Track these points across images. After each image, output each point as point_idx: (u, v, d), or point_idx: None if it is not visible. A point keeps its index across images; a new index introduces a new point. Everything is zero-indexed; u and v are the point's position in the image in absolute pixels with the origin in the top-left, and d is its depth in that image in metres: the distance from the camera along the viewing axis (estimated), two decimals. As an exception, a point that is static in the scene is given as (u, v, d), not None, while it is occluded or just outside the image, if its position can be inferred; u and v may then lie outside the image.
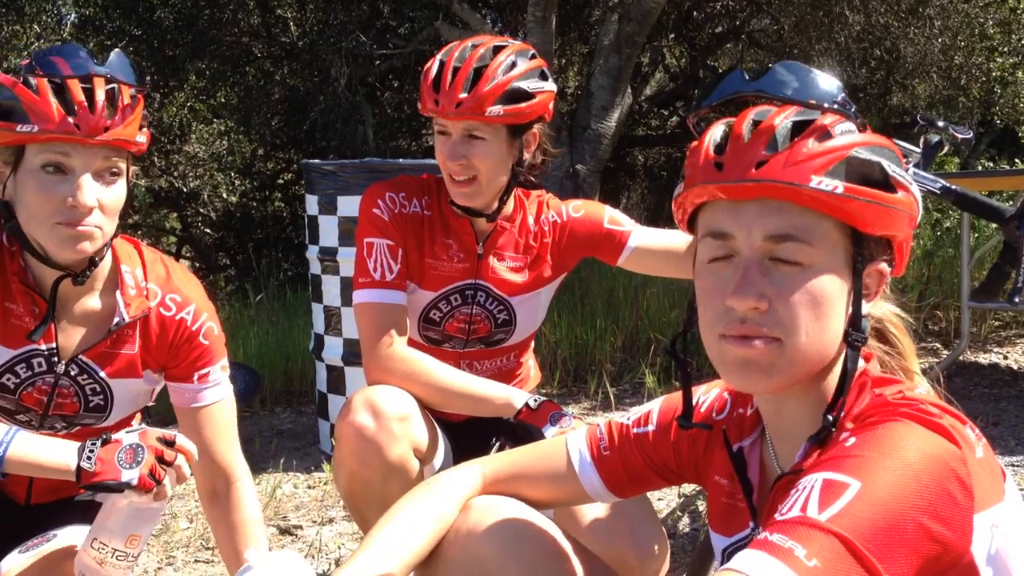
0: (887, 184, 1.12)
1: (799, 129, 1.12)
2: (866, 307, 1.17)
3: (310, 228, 3.96)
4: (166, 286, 1.81)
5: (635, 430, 1.47)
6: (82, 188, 1.59)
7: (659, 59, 10.92)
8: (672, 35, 10.13)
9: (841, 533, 0.96)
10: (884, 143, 1.15)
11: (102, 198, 1.62)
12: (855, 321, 1.15)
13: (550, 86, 2.09)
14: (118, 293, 1.76)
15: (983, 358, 5.14)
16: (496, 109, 1.99)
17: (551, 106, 2.13)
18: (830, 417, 1.14)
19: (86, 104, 1.58)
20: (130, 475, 1.56)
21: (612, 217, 2.25)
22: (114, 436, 1.62)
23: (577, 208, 2.27)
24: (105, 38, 9.58)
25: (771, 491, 1.23)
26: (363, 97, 8.99)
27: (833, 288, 1.13)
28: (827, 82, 1.23)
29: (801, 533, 0.97)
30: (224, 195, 11.91)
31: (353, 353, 3.83)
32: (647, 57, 10.25)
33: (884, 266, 1.18)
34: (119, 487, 1.56)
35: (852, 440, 1.06)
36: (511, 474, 1.48)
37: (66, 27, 11.38)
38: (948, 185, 2.02)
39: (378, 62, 9.27)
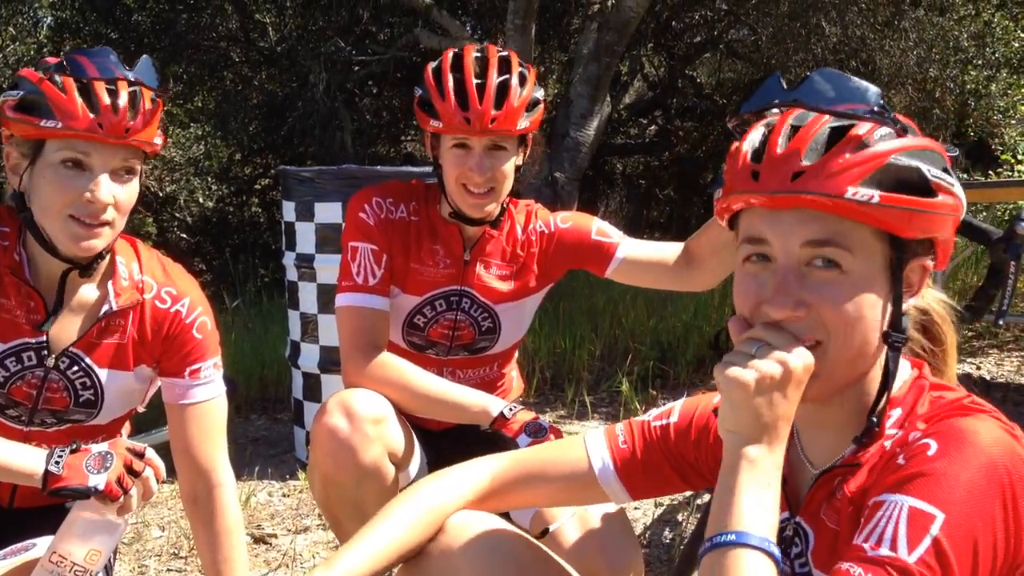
0: (926, 188, 1.11)
1: (836, 137, 1.12)
2: (910, 302, 1.18)
3: (287, 235, 3.94)
4: (161, 280, 1.84)
5: (655, 423, 1.48)
6: (100, 185, 1.64)
7: (638, 68, 10.96)
8: (651, 44, 10.18)
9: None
10: (927, 145, 1.14)
11: (117, 195, 1.67)
12: (895, 322, 1.16)
13: (542, 93, 2.14)
14: (110, 283, 1.78)
15: (956, 368, 5.17)
16: (524, 121, 2.04)
17: None
18: (874, 419, 1.15)
19: (110, 105, 1.63)
20: (97, 480, 1.55)
21: (600, 229, 2.25)
22: (84, 445, 1.61)
23: (565, 219, 2.27)
24: (81, 41, 9.50)
25: (813, 486, 1.23)
26: (341, 103, 8.96)
27: (872, 292, 1.13)
28: (864, 89, 1.23)
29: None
30: (200, 200, 11.83)
31: (329, 360, 3.81)
32: (626, 66, 10.28)
33: (928, 261, 1.18)
34: (86, 492, 1.55)
35: (934, 446, 1.07)
36: (523, 474, 1.48)
37: (42, 30, 11.29)
38: None
39: (357, 68, 9.25)
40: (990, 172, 8.51)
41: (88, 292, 1.78)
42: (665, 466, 1.46)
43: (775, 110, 1.24)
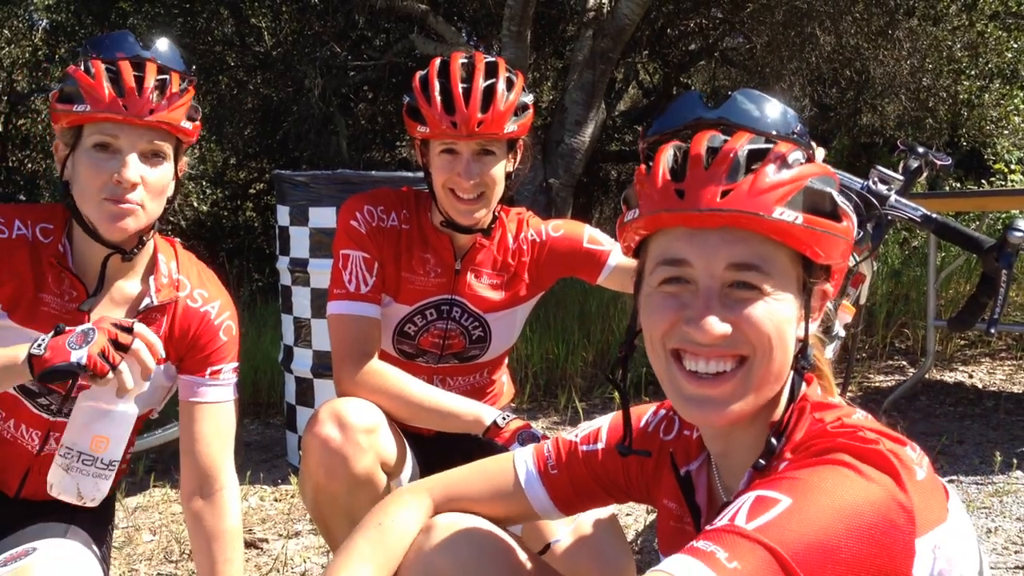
0: (835, 214, 1.13)
1: (754, 157, 1.12)
2: (812, 327, 1.18)
3: (281, 239, 3.94)
4: (196, 281, 1.91)
5: (583, 447, 1.46)
6: (127, 165, 1.70)
7: (633, 75, 10.98)
8: (646, 52, 10.20)
9: (766, 542, 0.96)
10: (828, 172, 1.16)
11: (147, 177, 1.73)
12: (803, 347, 1.16)
13: (532, 98, 2.14)
14: (151, 278, 1.85)
15: (948, 376, 5.19)
16: (511, 125, 2.04)
17: None
18: (774, 440, 1.14)
19: (135, 87, 1.70)
20: (79, 354, 1.57)
21: (592, 237, 2.26)
22: (68, 328, 1.63)
23: (557, 228, 2.27)
24: (76, 44, 9.49)
25: (717, 516, 1.22)
26: (337, 108, 8.96)
27: (789, 313, 1.13)
28: (785, 111, 1.23)
29: (726, 539, 0.98)
30: (195, 204, 11.82)
31: (322, 365, 3.81)
32: (621, 73, 10.30)
33: (828, 287, 1.19)
34: (69, 368, 1.57)
35: (791, 471, 1.06)
36: (460, 495, 1.47)
37: (37, 33, 11.28)
38: (929, 214, 2.04)
39: (352, 73, 9.26)
40: (983, 181, 8.55)
41: (131, 286, 1.84)
42: (595, 488, 1.46)
43: (685, 133, 1.22)
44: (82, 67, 1.72)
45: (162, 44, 1.79)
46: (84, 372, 1.57)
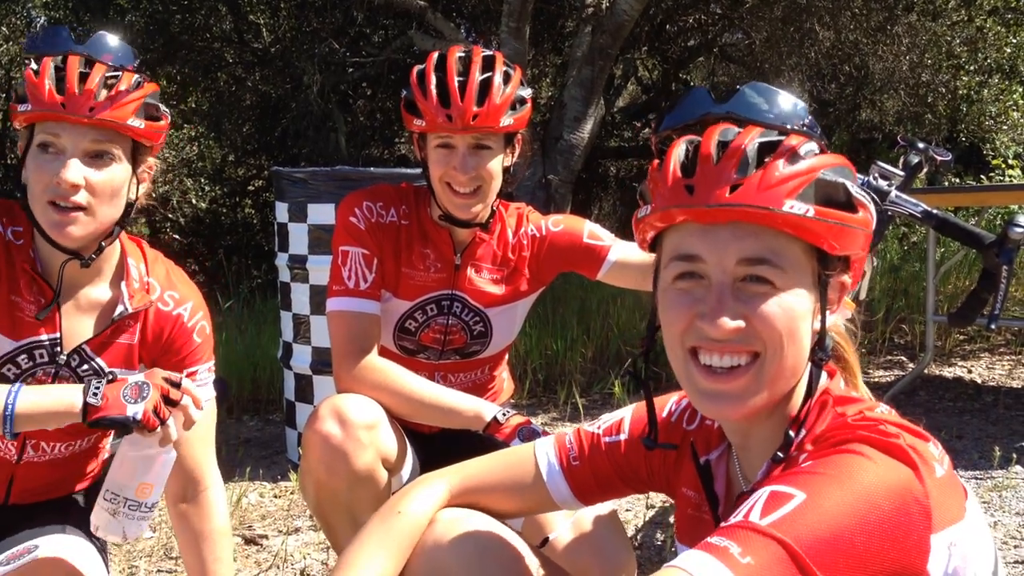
0: (850, 204, 1.12)
1: (765, 150, 1.12)
2: (829, 319, 1.18)
3: (280, 236, 3.94)
4: (166, 283, 1.86)
5: (606, 439, 1.46)
6: (68, 166, 1.64)
7: (632, 71, 10.97)
8: (645, 47, 10.19)
9: (779, 537, 0.97)
10: (844, 163, 1.16)
11: (90, 178, 1.67)
12: (820, 339, 1.16)
13: (530, 92, 2.13)
14: (123, 284, 1.80)
15: (948, 372, 5.20)
16: (508, 119, 2.03)
17: None
18: (791, 433, 1.14)
19: (76, 85, 1.64)
20: (135, 409, 1.58)
21: (592, 232, 2.26)
22: (120, 374, 1.64)
23: (557, 223, 2.27)
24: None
25: (734, 506, 1.23)
26: (335, 105, 8.95)
27: (803, 307, 1.13)
28: (794, 103, 1.23)
29: (739, 535, 0.98)
30: (193, 201, 11.79)
31: (321, 362, 3.81)
32: (620, 69, 10.29)
33: (846, 278, 1.19)
34: (124, 421, 1.58)
35: (809, 463, 1.07)
36: (478, 486, 1.47)
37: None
38: (930, 210, 2.03)
39: (351, 70, 9.24)
40: (982, 177, 8.55)
41: (99, 292, 1.80)
42: (616, 480, 1.46)
43: (698, 126, 1.22)
44: (32, 66, 1.68)
45: (112, 40, 1.74)
46: (136, 425, 1.59)
